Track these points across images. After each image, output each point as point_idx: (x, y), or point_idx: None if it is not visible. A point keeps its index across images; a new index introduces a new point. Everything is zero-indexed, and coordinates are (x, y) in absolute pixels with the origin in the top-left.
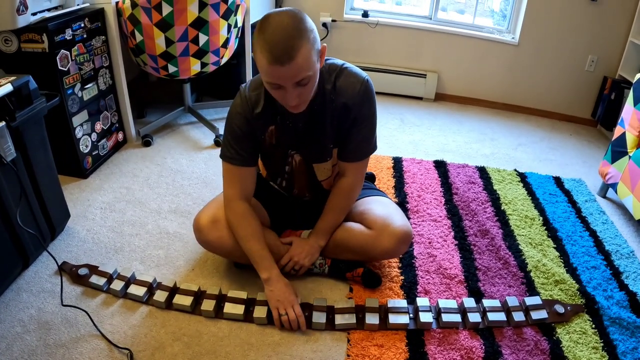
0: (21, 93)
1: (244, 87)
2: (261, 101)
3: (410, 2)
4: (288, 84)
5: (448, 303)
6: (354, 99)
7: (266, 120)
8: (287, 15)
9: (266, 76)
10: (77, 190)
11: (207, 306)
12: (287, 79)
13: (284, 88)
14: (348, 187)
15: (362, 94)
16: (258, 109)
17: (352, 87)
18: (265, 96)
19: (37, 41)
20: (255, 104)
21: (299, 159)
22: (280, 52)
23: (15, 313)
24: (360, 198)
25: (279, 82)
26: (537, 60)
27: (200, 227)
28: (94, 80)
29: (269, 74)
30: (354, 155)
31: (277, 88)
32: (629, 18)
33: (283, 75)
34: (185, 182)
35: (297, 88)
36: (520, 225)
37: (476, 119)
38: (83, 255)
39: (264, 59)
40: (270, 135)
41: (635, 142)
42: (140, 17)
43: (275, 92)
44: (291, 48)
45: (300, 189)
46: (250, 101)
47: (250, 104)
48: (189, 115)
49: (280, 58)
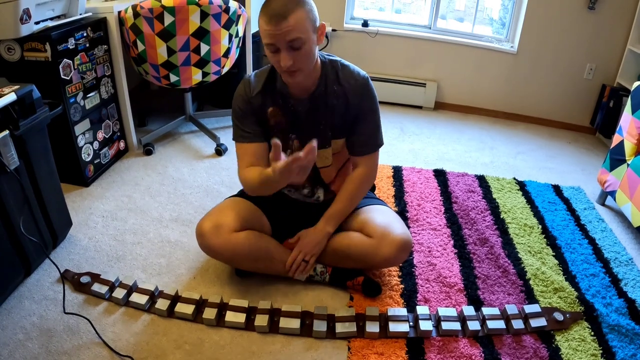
0: (25, 102)
1: (248, 74)
2: (260, 84)
3: (410, 11)
4: (282, 45)
5: (448, 311)
6: (355, 92)
7: (265, 100)
8: None
9: (264, 38)
10: (79, 199)
11: (208, 314)
12: (281, 38)
13: (278, 51)
14: (361, 176)
15: (362, 88)
16: (257, 89)
17: (353, 80)
18: (266, 77)
19: (40, 50)
20: (256, 85)
21: (297, 144)
22: (275, 12)
23: (17, 320)
24: (360, 207)
25: (273, 42)
26: (535, 69)
27: (202, 232)
28: (96, 89)
29: (265, 34)
30: (363, 149)
31: (274, 51)
32: (626, 26)
33: (278, 35)
34: (186, 190)
35: (291, 52)
36: (519, 234)
37: (476, 128)
38: (85, 263)
39: (262, 21)
40: (271, 116)
41: (633, 149)
42: (142, 27)
43: (273, 57)
44: (285, 9)
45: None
46: (251, 84)
47: (251, 86)
48: (190, 124)
49: (274, 17)
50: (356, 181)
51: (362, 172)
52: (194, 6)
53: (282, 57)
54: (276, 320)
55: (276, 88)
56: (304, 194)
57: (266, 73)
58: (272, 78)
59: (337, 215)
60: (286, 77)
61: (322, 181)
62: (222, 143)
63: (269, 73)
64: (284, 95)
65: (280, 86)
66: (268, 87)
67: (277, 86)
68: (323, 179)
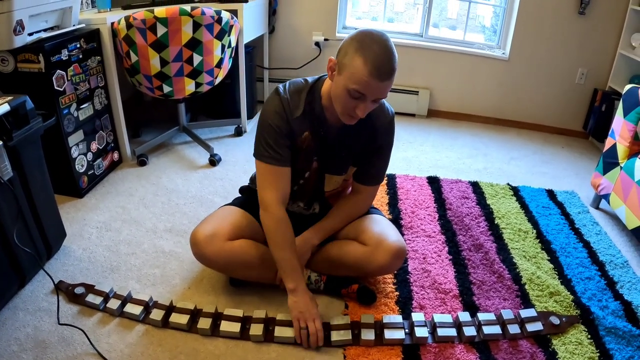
0: (18, 113)
1: (283, 89)
2: (301, 106)
3: (402, 20)
4: (371, 98)
5: (443, 317)
6: (383, 127)
7: (302, 125)
8: (388, 39)
9: (357, 85)
10: (73, 210)
11: (203, 324)
12: (375, 93)
13: (362, 99)
14: (360, 201)
15: (389, 124)
16: (298, 113)
17: (383, 116)
18: (305, 102)
19: (34, 61)
20: (295, 107)
21: (315, 166)
22: (385, 70)
23: (11, 332)
24: None
25: (366, 93)
26: (527, 75)
27: (197, 241)
28: (90, 100)
29: (363, 84)
30: (372, 179)
31: (356, 98)
32: (617, 30)
33: (375, 89)
34: (180, 201)
35: (371, 103)
36: (513, 239)
37: (469, 135)
38: (79, 274)
39: (366, 70)
40: (303, 140)
41: (626, 152)
42: (135, 38)
43: (349, 101)
44: (393, 69)
45: (306, 191)
46: (289, 103)
47: (291, 106)
48: (184, 134)
49: (383, 74)
50: (354, 205)
51: (363, 199)
52: (186, 17)
53: (363, 107)
54: (271, 329)
55: (314, 113)
56: (301, 207)
57: (305, 94)
58: (311, 101)
59: (327, 229)
60: (347, 119)
61: (323, 199)
62: (216, 153)
63: (308, 95)
64: (321, 121)
65: (319, 112)
66: (307, 111)
67: (316, 111)
68: (326, 199)
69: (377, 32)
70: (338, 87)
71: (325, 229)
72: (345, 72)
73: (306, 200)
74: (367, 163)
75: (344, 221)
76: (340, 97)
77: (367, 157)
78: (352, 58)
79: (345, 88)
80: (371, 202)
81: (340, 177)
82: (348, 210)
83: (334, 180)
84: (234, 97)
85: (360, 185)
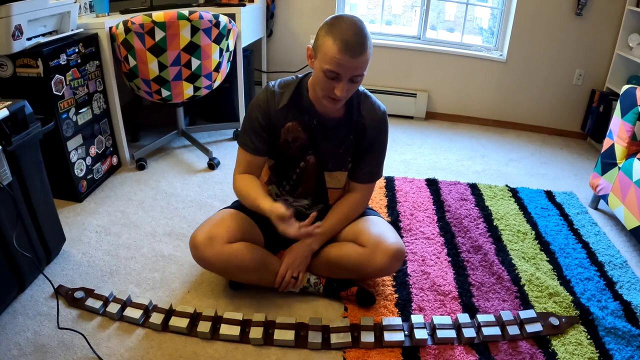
0: (17, 118)
1: (273, 83)
2: (286, 98)
3: (400, 23)
4: (346, 76)
5: (443, 319)
6: (373, 124)
7: (287, 115)
8: (357, 19)
9: (330, 64)
10: (72, 214)
11: (203, 328)
12: (349, 71)
13: (338, 79)
14: (356, 201)
15: (380, 122)
16: (282, 104)
17: (373, 112)
18: (293, 94)
19: (32, 66)
20: (282, 98)
21: (313, 161)
22: (354, 45)
23: (11, 336)
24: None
25: (339, 71)
26: (525, 76)
27: (196, 244)
28: (88, 104)
29: (335, 62)
30: (366, 177)
31: (332, 77)
32: (614, 31)
33: (348, 67)
34: (179, 205)
35: (349, 84)
36: (512, 240)
37: (467, 136)
38: (79, 279)
39: (336, 47)
40: (287, 131)
41: (624, 153)
42: (134, 42)
43: (327, 82)
44: (363, 44)
45: (307, 189)
46: (275, 95)
47: (275, 98)
48: (183, 138)
49: (353, 49)
50: (351, 205)
51: (358, 198)
52: (184, 21)
53: (340, 87)
54: (271, 332)
55: (302, 104)
56: (304, 205)
57: (293, 87)
58: (298, 93)
59: (326, 233)
60: (328, 102)
61: (326, 199)
62: (215, 157)
63: (296, 88)
64: (311, 112)
65: (307, 103)
66: (293, 102)
67: (304, 102)
68: (328, 198)
69: (347, 15)
70: (315, 70)
71: (324, 233)
72: (319, 54)
73: (311, 197)
74: (361, 161)
75: (342, 222)
76: (318, 80)
77: (361, 154)
78: (323, 40)
79: (321, 70)
80: (367, 201)
81: (344, 174)
82: (345, 210)
83: (337, 177)
84: (232, 100)
85: (355, 184)
